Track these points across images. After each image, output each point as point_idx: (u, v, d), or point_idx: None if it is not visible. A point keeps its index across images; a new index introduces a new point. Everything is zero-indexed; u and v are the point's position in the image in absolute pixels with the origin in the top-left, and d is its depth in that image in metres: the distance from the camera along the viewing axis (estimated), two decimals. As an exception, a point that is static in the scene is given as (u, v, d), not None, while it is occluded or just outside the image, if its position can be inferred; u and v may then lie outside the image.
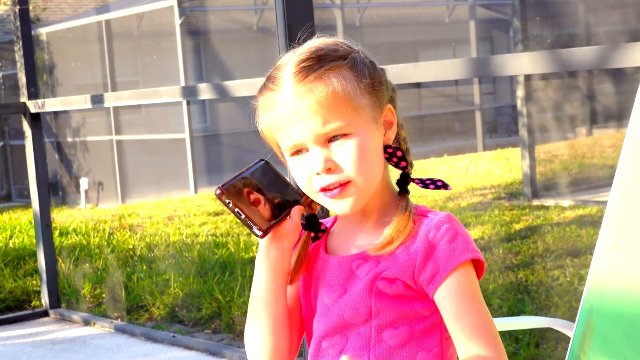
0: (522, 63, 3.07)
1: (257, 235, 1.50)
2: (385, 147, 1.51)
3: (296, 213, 1.55)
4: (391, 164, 1.52)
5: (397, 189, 1.55)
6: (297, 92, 1.45)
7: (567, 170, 9.57)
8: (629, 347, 1.83)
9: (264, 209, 1.51)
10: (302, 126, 1.46)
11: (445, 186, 1.51)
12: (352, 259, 1.53)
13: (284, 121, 1.47)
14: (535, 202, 8.56)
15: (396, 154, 1.51)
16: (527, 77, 8.83)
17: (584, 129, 10.21)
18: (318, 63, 1.46)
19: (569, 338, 4.14)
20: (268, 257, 1.54)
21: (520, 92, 8.90)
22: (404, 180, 1.53)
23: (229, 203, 1.48)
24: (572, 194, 8.90)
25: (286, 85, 1.46)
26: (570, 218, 7.62)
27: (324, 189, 1.48)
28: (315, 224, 1.58)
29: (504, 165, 11.13)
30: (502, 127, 14.32)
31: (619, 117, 9.84)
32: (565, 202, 8.43)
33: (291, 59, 1.48)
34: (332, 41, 1.51)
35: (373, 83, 1.48)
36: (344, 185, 1.47)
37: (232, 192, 1.49)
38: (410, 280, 1.46)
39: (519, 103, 8.97)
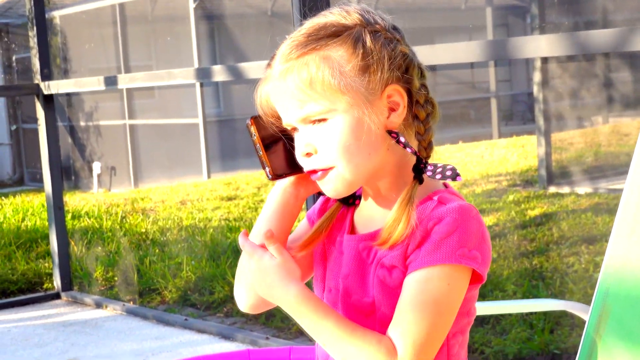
0: (539, 45, 3.02)
1: (267, 177, 1.50)
2: (390, 132, 1.43)
3: None
4: (401, 146, 1.45)
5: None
6: (280, 72, 1.43)
7: (583, 157, 9.51)
8: (645, 332, 1.80)
9: (284, 158, 1.51)
10: (284, 107, 1.44)
11: (454, 177, 1.42)
12: (361, 239, 1.49)
13: (274, 99, 1.46)
14: (551, 190, 8.51)
15: (399, 141, 1.43)
16: (544, 63, 8.76)
17: (600, 116, 10.15)
18: (304, 43, 1.42)
19: (583, 324, 4.10)
20: (281, 196, 1.53)
21: (536, 78, 8.83)
22: (417, 166, 1.45)
23: (253, 135, 1.50)
24: (588, 181, 8.85)
25: (275, 63, 1.45)
26: (585, 205, 7.58)
27: (310, 172, 1.45)
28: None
29: (519, 152, 11.09)
30: (518, 114, 14.27)
31: (636, 104, 9.77)
32: (581, 190, 8.38)
33: (290, 36, 1.46)
34: (338, 13, 1.45)
35: (368, 63, 1.40)
36: (325, 170, 1.43)
37: (261, 127, 1.50)
38: (404, 267, 1.41)
39: (535, 89, 8.90)
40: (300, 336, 4.74)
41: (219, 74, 4.72)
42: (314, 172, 1.44)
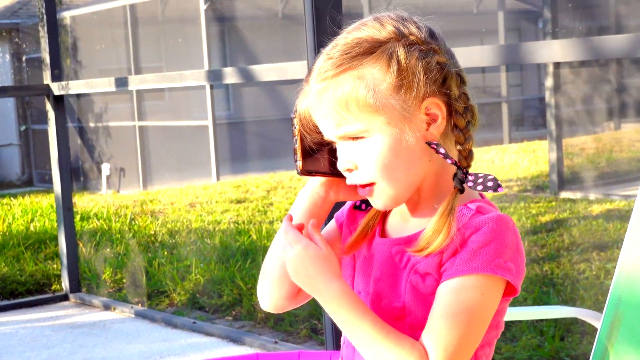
0: (553, 50, 3.01)
1: (296, 170, 1.51)
2: (429, 143, 1.42)
3: None
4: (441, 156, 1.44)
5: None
6: (316, 92, 1.43)
7: (595, 163, 9.47)
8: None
9: (322, 157, 1.51)
10: (321, 125, 1.45)
11: (495, 188, 1.41)
12: (394, 243, 1.48)
13: (313, 115, 1.47)
14: (562, 195, 8.48)
15: (439, 152, 1.42)
16: (556, 68, 8.73)
17: (612, 122, 10.10)
18: (339, 62, 1.41)
19: (593, 331, 4.07)
20: (310, 196, 1.55)
21: (548, 83, 8.79)
22: (458, 176, 1.44)
23: (295, 127, 1.50)
24: (600, 187, 8.81)
25: (312, 79, 1.45)
26: (597, 212, 7.54)
27: (355, 186, 1.46)
28: None
29: (530, 157, 11.06)
30: (529, 119, 14.25)
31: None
32: (592, 196, 8.34)
33: (325, 50, 1.45)
34: (372, 26, 1.43)
35: (403, 79, 1.39)
36: (369, 185, 1.44)
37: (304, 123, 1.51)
38: (438, 274, 1.41)
39: (547, 94, 8.86)
40: (308, 340, 4.72)
41: (230, 76, 4.70)
42: (362, 186, 1.45)
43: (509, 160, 10.97)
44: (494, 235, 1.37)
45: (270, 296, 1.57)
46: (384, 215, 1.55)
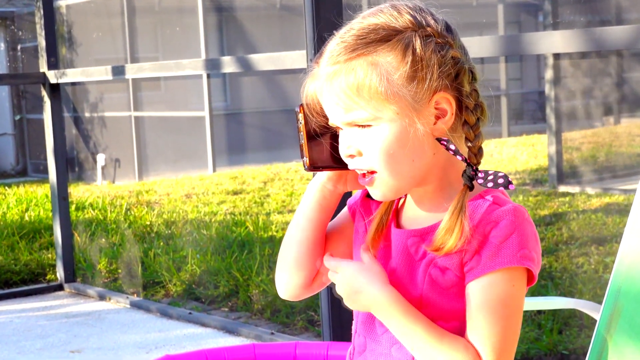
0: (554, 41, 2.99)
1: (303, 166, 1.51)
2: (440, 139, 1.42)
3: None
4: (452, 153, 1.43)
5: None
6: (327, 74, 1.42)
7: (594, 157, 9.47)
8: (657, 331, 1.77)
9: (326, 151, 1.51)
10: (330, 109, 1.44)
11: (506, 185, 1.40)
12: (409, 234, 1.48)
13: (320, 98, 1.46)
14: (561, 189, 8.47)
15: (449, 148, 1.41)
16: (556, 61, 8.70)
17: (611, 116, 10.10)
18: (353, 46, 1.40)
19: (592, 325, 4.04)
20: (319, 191, 1.55)
21: (548, 76, 8.77)
22: (467, 173, 1.43)
23: (299, 122, 1.49)
24: (599, 181, 8.81)
25: (323, 61, 1.43)
26: (596, 205, 7.54)
27: (358, 174, 1.46)
28: None
29: (529, 151, 11.06)
30: (528, 113, 14.26)
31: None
32: (591, 190, 8.34)
33: (338, 34, 1.44)
34: (389, 14, 1.41)
35: (417, 71, 1.38)
36: (370, 173, 1.43)
37: (308, 116, 1.50)
38: (460, 271, 1.41)
39: (547, 87, 8.84)
40: (305, 332, 4.70)
41: (228, 65, 4.66)
42: (363, 175, 1.45)
43: (507, 154, 10.97)
44: (514, 228, 1.38)
45: (286, 284, 1.60)
46: (397, 206, 1.54)
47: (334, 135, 1.49)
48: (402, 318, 1.40)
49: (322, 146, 1.51)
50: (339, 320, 3.43)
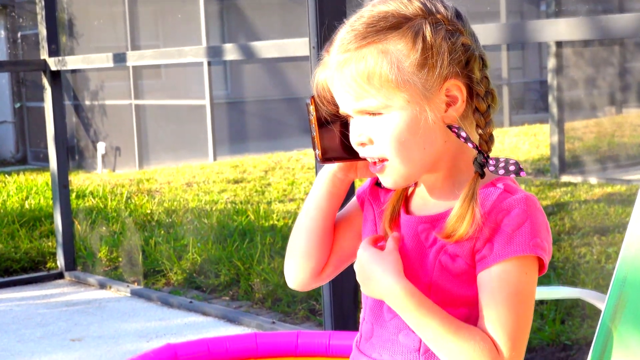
0: (559, 29, 2.97)
1: (316, 159, 1.51)
2: (450, 127, 1.41)
3: None
4: (462, 140, 1.42)
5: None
6: (338, 63, 1.41)
7: (596, 147, 9.45)
8: (662, 321, 1.76)
9: (338, 142, 1.50)
10: (340, 97, 1.44)
11: (517, 172, 1.40)
12: (420, 221, 1.47)
13: (331, 87, 1.46)
14: (563, 179, 8.46)
15: (460, 136, 1.41)
16: (559, 47, 8.66)
17: (614, 106, 10.07)
18: (363, 34, 1.40)
19: (594, 315, 4.02)
20: (330, 180, 1.55)
21: (551, 65, 8.74)
22: (478, 160, 1.42)
23: (311, 115, 1.49)
24: (601, 171, 8.79)
25: (333, 50, 1.43)
26: (598, 195, 7.52)
27: (369, 163, 1.46)
28: None
29: (530, 141, 11.03)
30: (530, 102, 14.23)
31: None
32: (594, 179, 8.32)
33: (348, 22, 1.43)
34: (399, 1, 1.41)
35: (428, 58, 1.38)
36: (381, 161, 1.43)
37: (319, 108, 1.50)
38: (470, 259, 1.41)
39: (549, 76, 8.81)
40: (306, 321, 4.68)
41: (230, 52, 4.62)
42: (374, 163, 1.44)
43: (509, 144, 10.95)
44: (526, 216, 1.37)
45: (296, 274, 1.59)
46: (407, 193, 1.54)
47: (345, 124, 1.49)
48: (417, 310, 1.39)
49: (334, 138, 1.50)
50: (340, 310, 3.41)
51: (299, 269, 1.58)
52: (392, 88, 1.38)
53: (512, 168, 1.40)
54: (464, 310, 1.42)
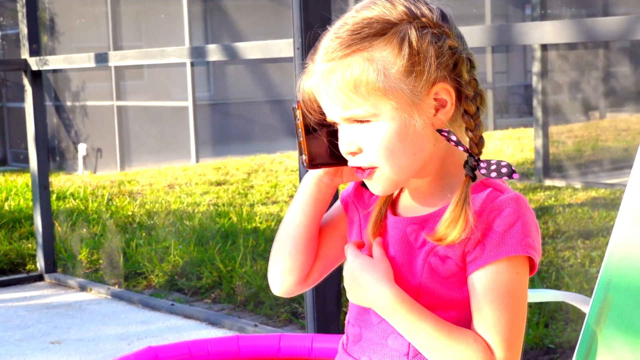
0: (545, 32, 2.97)
1: (302, 164, 1.48)
2: (440, 131, 1.39)
3: None
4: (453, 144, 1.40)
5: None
6: (323, 72, 1.39)
7: (580, 151, 9.48)
8: (647, 324, 1.74)
9: (324, 148, 1.48)
10: (327, 106, 1.42)
11: (510, 175, 1.37)
12: (408, 222, 1.45)
13: (317, 96, 1.43)
14: (547, 183, 8.48)
15: (451, 139, 1.38)
16: (543, 52, 8.68)
17: (598, 110, 10.12)
18: (348, 42, 1.37)
19: (578, 318, 4.01)
20: (315, 185, 1.53)
21: (535, 69, 8.76)
22: (469, 163, 1.40)
23: (297, 119, 1.47)
24: (585, 175, 8.82)
25: (318, 59, 1.41)
26: (582, 199, 7.54)
27: (356, 169, 1.44)
28: None
29: (515, 145, 11.07)
30: (514, 106, 14.28)
31: (635, 99, 9.73)
32: (577, 183, 8.35)
33: (332, 29, 1.41)
34: (382, 5, 1.38)
35: (414, 64, 1.35)
36: (371, 169, 1.41)
37: (306, 113, 1.47)
38: (461, 261, 1.40)
39: (534, 80, 8.85)
40: (289, 324, 4.66)
41: (214, 53, 4.59)
42: (361, 171, 1.42)
43: (493, 147, 10.98)
44: (517, 216, 1.36)
45: (281, 280, 1.57)
46: (393, 194, 1.51)
47: (332, 131, 1.47)
48: (408, 316, 1.37)
49: (321, 143, 1.48)
50: (323, 313, 3.39)
51: (283, 276, 1.55)
52: (379, 96, 1.36)
53: (504, 170, 1.37)
54: (453, 313, 1.41)
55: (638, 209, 1.82)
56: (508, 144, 11.13)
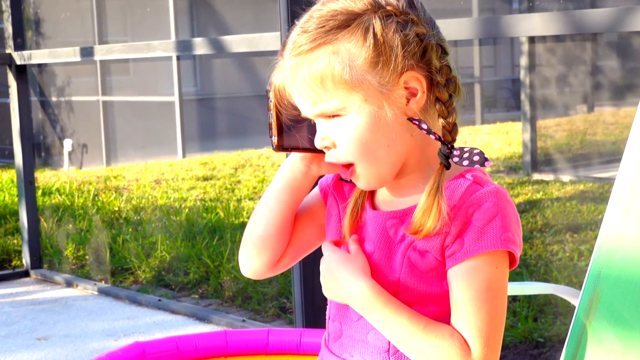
0: (533, 24, 2.95)
1: (271, 146, 1.46)
2: (411, 119, 1.37)
3: None
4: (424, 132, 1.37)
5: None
6: (290, 67, 1.38)
7: (568, 145, 9.50)
8: (636, 316, 1.72)
9: (301, 134, 1.45)
10: (297, 102, 1.41)
11: (482, 163, 1.35)
12: (387, 216, 1.42)
13: (288, 91, 1.42)
14: (535, 177, 8.48)
15: (422, 127, 1.36)
16: (531, 45, 8.68)
17: (586, 105, 10.14)
18: (313, 36, 1.35)
19: (567, 312, 4.00)
20: (289, 172, 1.50)
21: (523, 62, 8.76)
22: (443, 151, 1.38)
23: (270, 101, 1.43)
24: (573, 169, 8.83)
25: (286, 53, 1.39)
26: (570, 193, 7.56)
27: (340, 166, 1.42)
28: None
29: (503, 139, 11.08)
30: (502, 101, 14.28)
31: (623, 93, 9.75)
32: (566, 177, 8.36)
33: (299, 23, 1.39)
34: None
35: (380, 54, 1.33)
36: (351, 167, 1.39)
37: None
38: (440, 255, 1.37)
39: (521, 74, 8.84)
40: (277, 319, 4.64)
41: (200, 47, 4.56)
42: (344, 167, 1.40)
43: (481, 141, 10.98)
44: (497, 210, 1.34)
45: (250, 263, 1.54)
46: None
47: (310, 125, 1.44)
48: (384, 311, 1.36)
49: (299, 128, 1.45)
50: (311, 307, 3.38)
51: (254, 259, 1.53)
52: (346, 89, 1.34)
53: (476, 158, 1.35)
54: (433, 308, 1.39)
55: (627, 200, 1.81)
56: (496, 138, 11.14)
